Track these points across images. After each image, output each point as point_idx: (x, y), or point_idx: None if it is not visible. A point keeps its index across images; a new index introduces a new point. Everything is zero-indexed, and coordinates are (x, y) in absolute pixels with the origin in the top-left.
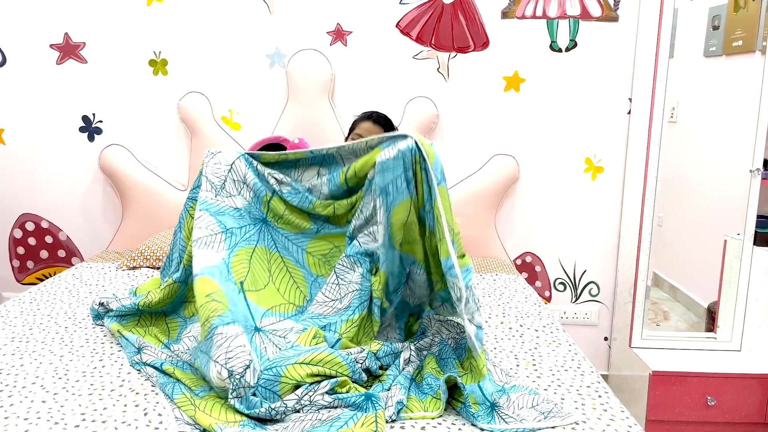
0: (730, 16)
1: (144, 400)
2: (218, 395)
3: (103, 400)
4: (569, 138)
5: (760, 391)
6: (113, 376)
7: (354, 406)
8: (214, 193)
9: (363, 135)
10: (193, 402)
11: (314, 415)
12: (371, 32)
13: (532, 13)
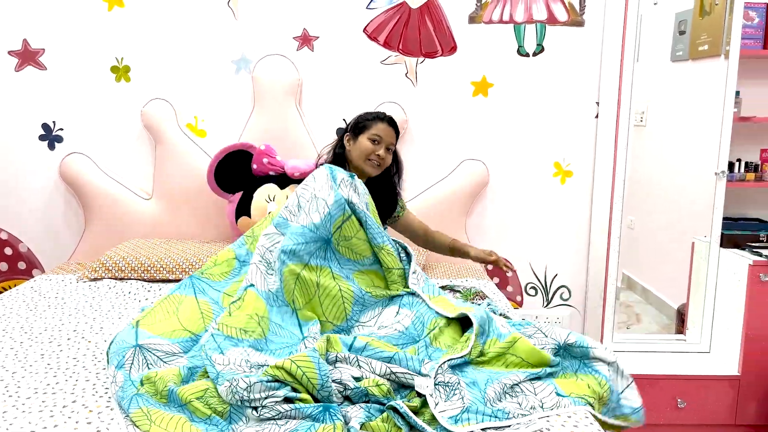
0: (696, 20)
1: (97, 417)
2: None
3: (54, 417)
4: (538, 142)
5: (729, 392)
6: (67, 393)
7: (311, 417)
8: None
9: (382, 136)
10: (149, 417)
11: (272, 428)
12: (338, 37)
13: (499, 17)
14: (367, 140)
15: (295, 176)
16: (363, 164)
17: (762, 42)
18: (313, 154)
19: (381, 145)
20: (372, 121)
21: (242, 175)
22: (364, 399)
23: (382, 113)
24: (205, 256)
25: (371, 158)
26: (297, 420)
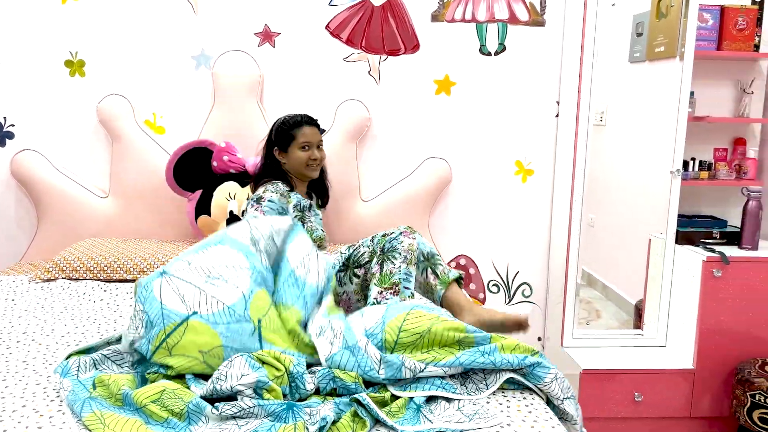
0: (653, 23)
1: (49, 422)
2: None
3: (4, 422)
4: (500, 141)
5: (684, 386)
6: (16, 397)
7: (274, 415)
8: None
9: (311, 140)
10: (103, 420)
11: (231, 428)
12: (300, 34)
13: (461, 16)
14: (299, 150)
15: None
16: (305, 171)
17: (716, 43)
18: None
19: (312, 148)
20: (295, 129)
21: (202, 172)
22: (332, 387)
23: (298, 117)
24: (164, 256)
25: (309, 164)
26: (259, 419)
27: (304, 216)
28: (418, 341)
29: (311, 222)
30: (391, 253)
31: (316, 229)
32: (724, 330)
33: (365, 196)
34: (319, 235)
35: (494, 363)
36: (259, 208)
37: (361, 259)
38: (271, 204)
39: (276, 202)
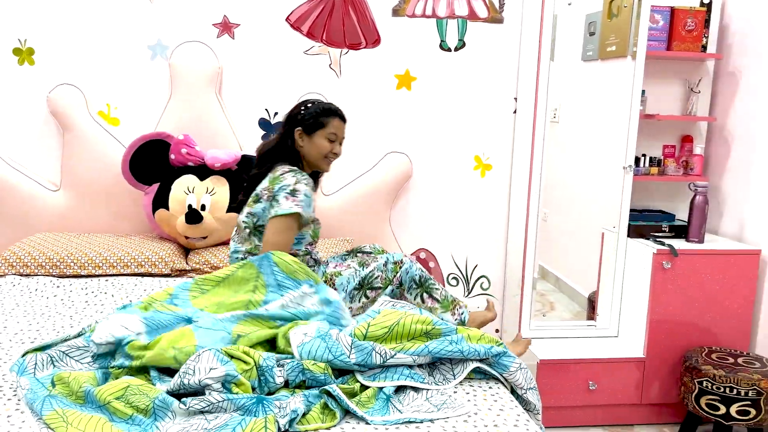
0: (605, 22)
1: (7, 422)
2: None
3: None
4: (459, 136)
5: (635, 374)
6: None
7: (243, 409)
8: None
9: (338, 134)
10: (65, 418)
11: (200, 423)
12: (260, 25)
13: (422, 11)
14: (325, 139)
15: (215, 167)
16: (320, 162)
17: (666, 44)
18: (234, 143)
19: (336, 142)
20: (328, 117)
21: (159, 165)
22: (301, 379)
23: (335, 107)
24: (120, 250)
25: (328, 156)
26: (228, 414)
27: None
28: (387, 334)
29: (318, 220)
30: (427, 283)
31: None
32: (673, 320)
33: (326, 190)
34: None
35: (462, 352)
36: (297, 203)
37: (375, 283)
38: (306, 200)
39: (309, 197)
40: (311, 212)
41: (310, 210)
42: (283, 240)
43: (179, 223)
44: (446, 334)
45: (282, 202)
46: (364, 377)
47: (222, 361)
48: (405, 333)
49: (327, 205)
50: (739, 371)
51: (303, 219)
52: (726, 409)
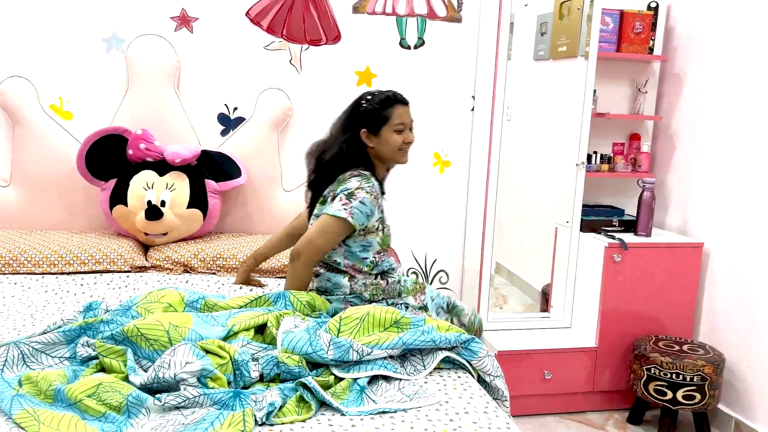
0: (556, 23)
1: None
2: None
3: None
4: (419, 133)
5: (588, 363)
6: None
7: (220, 403)
8: None
9: (405, 122)
10: (36, 417)
11: (176, 418)
12: (219, 19)
13: (382, 9)
14: (393, 132)
15: (176, 163)
16: (396, 156)
17: (615, 45)
18: (192, 139)
19: (406, 130)
20: (389, 108)
21: (116, 161)
22: (276, 372)
23: (390, 94)
24: (77, 247)
25: (402, 148)
26: (204, 408)
27: (384, 217)
28: (359, 325)
29: (388, 226)
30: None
31: (390, 235)
32: (623, 310)
33: (287, 186)
34: (390, 241)
35: (434, 341)
36: (348, 208)
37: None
38: (362, 207)
39: (367, 205)
40: (366, 221)
41: (363, 219)
42: (322, 241)
43: (138, 219)
44: (416, 324)
45: (335, 203)
46: (338, 370)
47: (198, 356)
48: (376, 323)
49: (288, 201)
50: (685, 358)
51: (354, 227)
52: (673, 394)
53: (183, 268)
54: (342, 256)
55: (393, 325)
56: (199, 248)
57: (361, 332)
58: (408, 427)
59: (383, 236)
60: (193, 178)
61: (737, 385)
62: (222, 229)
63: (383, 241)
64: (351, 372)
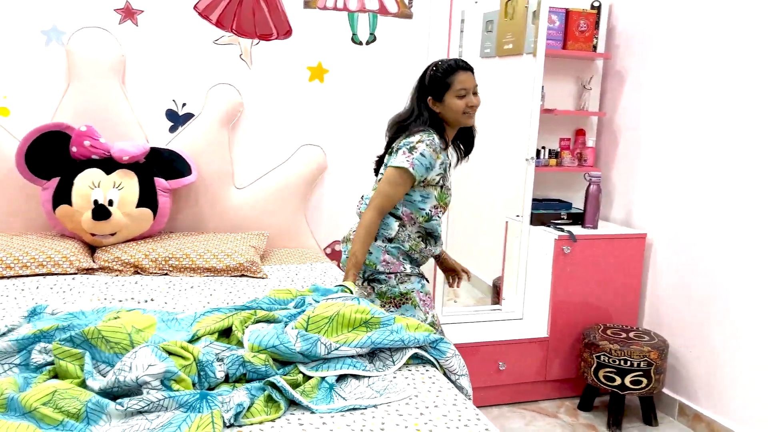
0: (502, 21)
1: None
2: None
3: None
4: (372, 129)
5: (540, 353)
6: None
7: (186, 405)
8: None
9: (467, 87)
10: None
11: (141, 423)
12: (166, 12)
13: (333, 4)
14: (455, 98)
15: (123, 161)
16: (461, 119)
17: (562, 43)
18: (139, 135)
19: (469, 95)
20: (451, 75)
21: (58, 158)
22: (242, 372)
23: (451, 62)
24: (17, 250)
25: (466, 111)
26: (170, 412)
27: (446, 176)
28: (327, 325)
29: (448, 186)
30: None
31: (448, 195)
32: (573, 301)
33: (239, 183)
34: (448, 201)
35: (403, 340)
36: (410, 159)
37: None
38: (422, 159)
39: (427, 157)
40: (425, 173)
41: (423, 170)
42: (390, 192)
43: (85, 219)
44: (385, 324)
45: (398, 155)
46: (306, 368)
47: (160, 357)
48: (345, 323)
49: (240, 198)
50: (632, 345)
51: (415, 177)
52: (621, 380)
53: (133, 269)
54: (401, 204)
55: (362, 325)
56: (150, 248)
57: (330, 332)
58: (379, 423)
59: (441, 192)
60: (142, 176)
61: (680, 369)
62: (172, 228)
63: (441, 196)
64: (319, 370)
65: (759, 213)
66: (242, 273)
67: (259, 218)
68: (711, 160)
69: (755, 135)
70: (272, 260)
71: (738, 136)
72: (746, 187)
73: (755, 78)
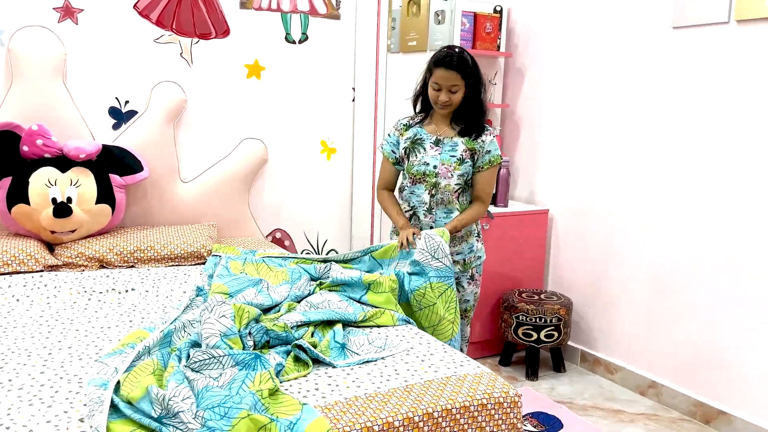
0: (404, 19)
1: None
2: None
3: None
4: (307, 123)
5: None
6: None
7: (242, 364)
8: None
9: (440, 83)
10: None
11: (209, 381)
12: (106, 12)
13: (267, 5)
14: (432, 88)
15: (80, 158)
16: (437, 108)
17: (472, 43)
18: (85, 133)
19: (441, 91)
20: (435, 67)
21: (8, 158)
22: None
23: (442, 55)
24: None
25: (437, 104)
26: (228, 369)
27: (413, 147)
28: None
29: (416, 156)
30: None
31: (413, 166)
32: (492, 270)
33: (185, 177)
34: (414, 172)
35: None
36: (383, 142)
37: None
38: (388, 139)
39: (391, 136)
40: (395, 148)
41: (389, 147)
42: (381, 170)
43: (44, 217)
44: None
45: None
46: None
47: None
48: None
49: (186, 191)
50: (545, 304)
51: (384, 154)
52: (537, 335)
53: (98, 263)
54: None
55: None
56: (114, 242)
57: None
58: (392, 369)
59: (408, 163)
60: (98, 173)
61: (581, 323)
62: (123, 224)
63: (408, 166)
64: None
65: (643, 186)
66: (204, 260)
67: (205, 210)
68: (600, 143)
69: (635, 123)
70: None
71: (621, 123)
72: (631, 165)
73: (633, 70)
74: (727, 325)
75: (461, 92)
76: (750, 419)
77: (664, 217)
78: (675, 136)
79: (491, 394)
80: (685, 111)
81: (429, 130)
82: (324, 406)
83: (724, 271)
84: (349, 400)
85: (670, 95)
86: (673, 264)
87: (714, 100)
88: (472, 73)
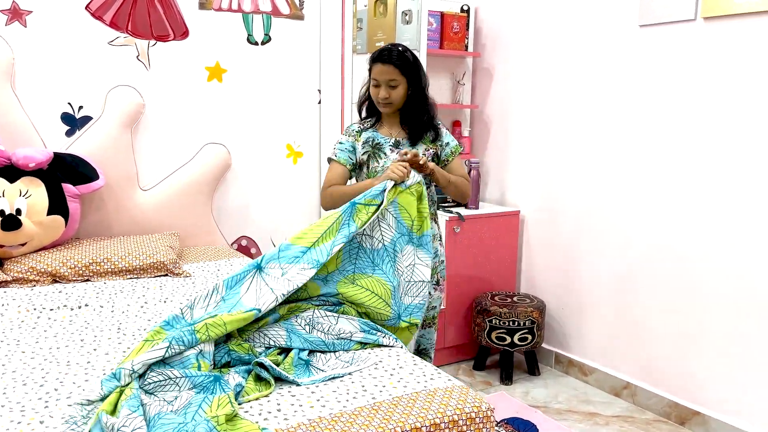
0: (371, 19)
1: None
2: None
3: None
4: (272, 126)
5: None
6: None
7: (200, 386)
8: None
9: (378, 79)
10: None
11: (163, 405)
12: (56, 13)
13: (228, 5)
14: (372, 86)
15: (30, 167)
16: (379, 108)
17: (439, 43)
18: (37, 140)
19: (381, 87)
20: (372, 63)
21: None
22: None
23: (376, 53)
24: None
25: (379, 101)
26: (186, 392)
27: (374, 153)
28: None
29: (377, 162)
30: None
31: (378, 170)
32: (464, 274)
33: (144, 185)
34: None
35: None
36: (335, 150)
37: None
38: (340, 146)
39: (344, 143)
40: (352, 155)
41: (344, 153)
42: (326, 178)
43: None
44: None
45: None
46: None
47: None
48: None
49: (145, 199)
50: (518, 307)
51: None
52: (511, 338)
53: (51, 278)
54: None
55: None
56: (67, 255)
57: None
58: (359, 386)
59: (369, 171)
60: (49, 183)
61: (554, 325)
62: (78, 235)
63: (369, 173)
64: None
65: (612, 185)
66: (165, 272)
67: (166, 218)
68: (570, 142)
69: (604, 121)
70: (188, 259)
71: (590, 122)
72: (601, 164)
73: (601, 69)
74: (698, 324)
75: (402, 88)
76: (724, 419)
77: (634, 216)
78: (644, 134)
79: (463, 409)
80: (654, 109)
81: (384, 133)
82: (286, 429)
83: (695, 271)
84: (312, 422)
85: (638, 94)
86: (643, 263)
87: (682, 98)
88: (412, 69)
